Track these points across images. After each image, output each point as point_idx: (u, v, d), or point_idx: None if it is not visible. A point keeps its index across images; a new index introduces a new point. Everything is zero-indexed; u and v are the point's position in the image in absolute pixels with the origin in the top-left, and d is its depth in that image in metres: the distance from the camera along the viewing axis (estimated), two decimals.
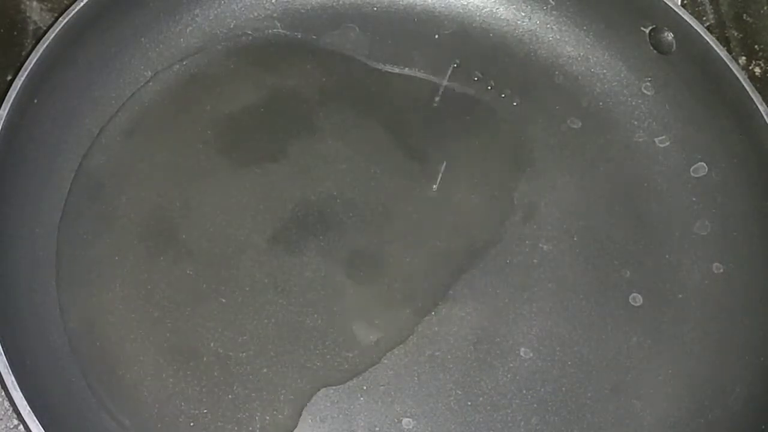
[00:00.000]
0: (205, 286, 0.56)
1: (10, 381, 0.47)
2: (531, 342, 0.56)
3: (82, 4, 0.56)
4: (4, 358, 0.47)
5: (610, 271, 0.59)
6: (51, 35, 0.55)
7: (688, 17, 0.61)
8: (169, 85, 0.61)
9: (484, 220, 0.60)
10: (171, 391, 0.53)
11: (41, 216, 0.55)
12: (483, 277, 0.58)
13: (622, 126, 0.64)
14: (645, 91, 0.64)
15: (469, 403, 0.55)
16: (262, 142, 0.61)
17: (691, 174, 0.62)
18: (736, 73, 0.59)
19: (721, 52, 0.60)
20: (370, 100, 0.63)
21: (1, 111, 0.52)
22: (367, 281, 0.57)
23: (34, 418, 0.46)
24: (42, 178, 0.56)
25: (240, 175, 0.59)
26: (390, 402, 0.54)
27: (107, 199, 0.57)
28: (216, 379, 0.53)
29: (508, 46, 0.65)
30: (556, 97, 0.64)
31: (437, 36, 0.65)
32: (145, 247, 0.56)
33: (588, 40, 0.65)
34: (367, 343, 0.55)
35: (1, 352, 0.47)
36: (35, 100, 0.55)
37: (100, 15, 0.58)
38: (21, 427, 0.52)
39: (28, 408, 0.46)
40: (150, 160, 0.59)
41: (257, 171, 0.60)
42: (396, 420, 0.54)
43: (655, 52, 0.63)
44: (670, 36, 0.62)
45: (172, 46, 0.62)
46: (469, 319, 0.57)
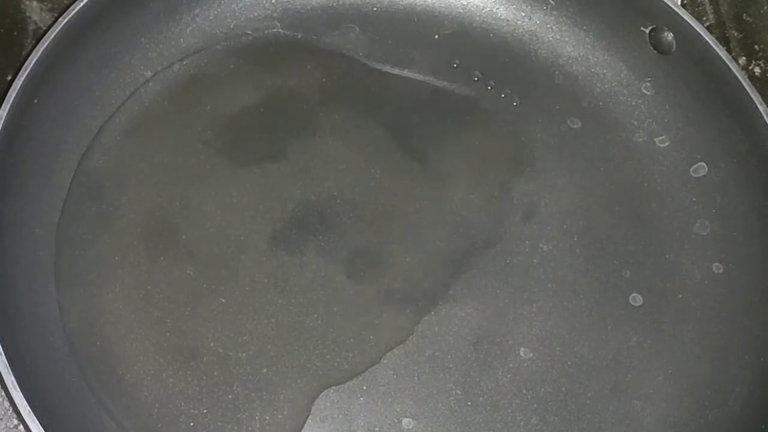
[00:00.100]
0: (205, 286, 0.56)
1: (10, 381, 0.47)
2: (531, 342, 0.56)
3: (82, 4, 0.56)
4: (4, 358, 0.47)
5: (610, 271, 0.59)
6: (51, 35, 0.55)
7: (688, 17, 0.61)
8: (169, 85, 0.61)
9: (484, 220, 0.60)
10: (171, 391, 0.53)
11: (41, 216, 0.55)
12: (483, 277, 0.58)
13: (622, 126, 0.64)
14: (645, 91, 0.64)
15: (469, 403, 0.55)
16: (262, 142, 0.61)
17: (691, 174, 0.62)
18: (736, 73, 0.59)
19: (721, 52, 0.60)
20: (370, 100, 0.63)
21: (1, 111, 0.52)
22: (367, 281, 0.57)
23: (34, 418, 0.46)
24: (42, 178, 0.56)
25: (240, 175, 0.59)
26: (390, 402, 0.54)
27: (107, 199, 0.57)
28: (216, 379, 0.53)
29: (508, 46, 0.65)
30: (556, 97, 0.64)
31: (437, 36, 0.65)
32: (145, 247, 0.56)
33: (588, 40, 0.65)
34: (367, 343, 0.55)
35: (1, 352, 0.47)
36: (35, 100, 0.55)
37: (100, 15, 0.58)
38: (21, 427, 0.52)
39: (28, 408, 0.46)
40: (150, 160, 0.59)
41: (257, 171, 0.60)
42: (396, 420, 0.54)
43: (655, 52, 0.63)
44: (670, 36, 0.62)
45: (172, 46, 0.62)
46: (469, 319, 0.57)
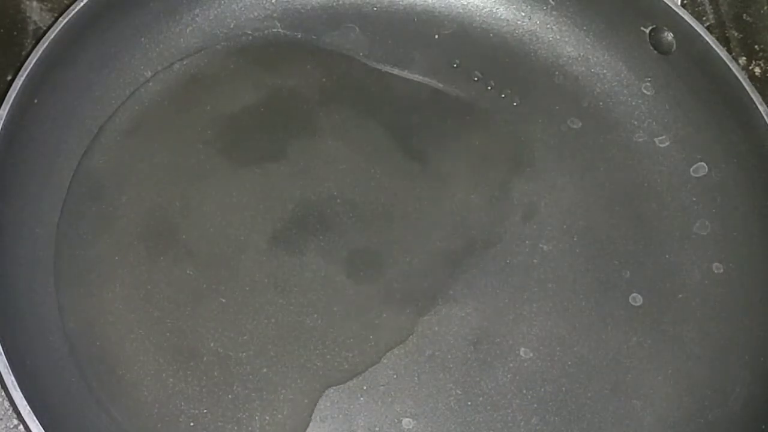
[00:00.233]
0: (205, 286, 0.56)
1: (10, 381, 0.47)
2: (531, 342, 0.56)
3: (82, 4, 0.56)
4: (4, 358, 0.47)
5: (610, 271, 0.59)
6: (51, 35, 0.55)
7: (688, 17, 0.61)
8: (169, 85, 0.61)
9: (484, 220, 0.60)
10: (171, 391, 0.53)
11: (41, 216, 0.55)
12: (483, 277, 0.58)
13: (622, 126, 0.64)
14: (645, 91, 0.64)
15: (469, 403, 0.55)
16: (262, 142, 0.61)
17: (691, 174, 0.62)
18: (736, 73, 0.59)
19: (721, 52, 0.60)
20: (370, 100, 0.63)
21: (1, 111, 0.52)
22: (367, 281, 0.57)
23: (34, 418, 0.46)
24: (42, 178, 0.56)
25: (240, 175, 0.59)
26: (390, 402, 0.54)
27: (107, 199, 0.57)
28: (216, 379, 0.53)
29: (508, 46, 0.65)
30: (556, 97, 0.64)
31: (437, 36, 0.65)
32: (145, 247, 0.56)
33: (588, 40, 0.65)
34: (367, 343, 0.55)
35: (1, 352, 0.47)
36: (35, 100, 0.55)
37: (100, 15, 0.58)
38: (21, 427, 0.52)
39: (28, 408, 0.46)
40: (150, 160, 0.59)
41: (257, 171, 0.60)
42: (396, 420, 0.54)
43: (655, 52, 0.63)
44: (670, 36, 0.62)
45: (172, 46, 0.62)
46: (469, 319, 0.57)
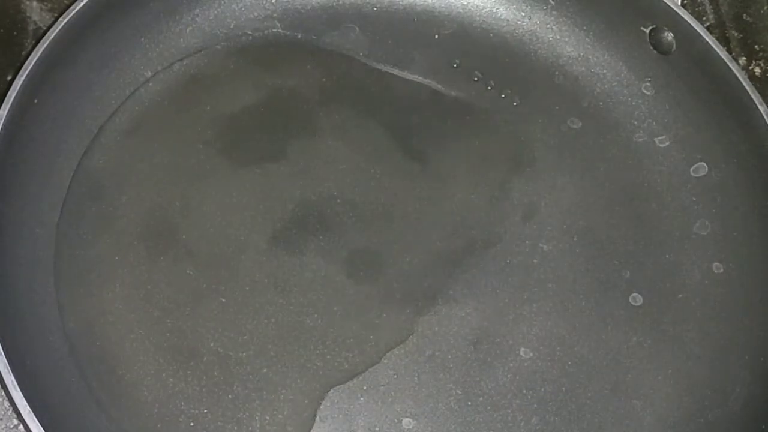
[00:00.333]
0: (205, 286, 0.56)
1: (10, 381, 0.47)
2: (531, 342, 0.56)
3: (82, 4, 0.56)
4: (4, 358, 0.47)
5: (610, 271, 0.59)
6: (51, 35, 0.55)
7: (688, 17, 0.61)
8: (169, 85, 0.61)
9: (483, 220, 0.60)
10: (171, 391, 0.53)
11: (41, 216, 0.55)
12: (483, 277, 0.58)
13: (622, 126, 0.64)
14: (645, 91, 0.64)
15: (469, 403, 0.55)
16: (262, 142, 0.61)
17: (691, 174, 0.62)
18: (736, 73, 0.59)
19: (721, 52, 0.60)
20: (370, 100, 0.63)
21: (1, 111, 0.52)
22: (367, 281, 0.57)
23: (34, 418, 0.46)
24: (42, 178, 0.56)
25: (240, 175, 0.59)
26: (390, 402, 0.54)
27: (107, 199, 0.57)
28: (216, 379, 0.53)
29: (508, 46, 0.65)
30: (556, 97, 0.64)
31: (437, 36, 0.65)
32: (145, 247, 0.56)
33: (588, 40, 0.65)
34: (367, 343, 0.55)
35: (1, 352, 0.47)
36: (35, 100, 0.55)
37: (100, 15, 0.58)
38: (21, 427, 0.52)
39: (28, 408, 0.46)
40: (150, 160, 0.59)
41: (257, 171, 0.60)
42: (396, 420, 0.54)
43: (655, 52, 0.63)
44: (670, 36, 0.62)
45: (172, 46, 0.62)
46: (469, 319, 0.57)
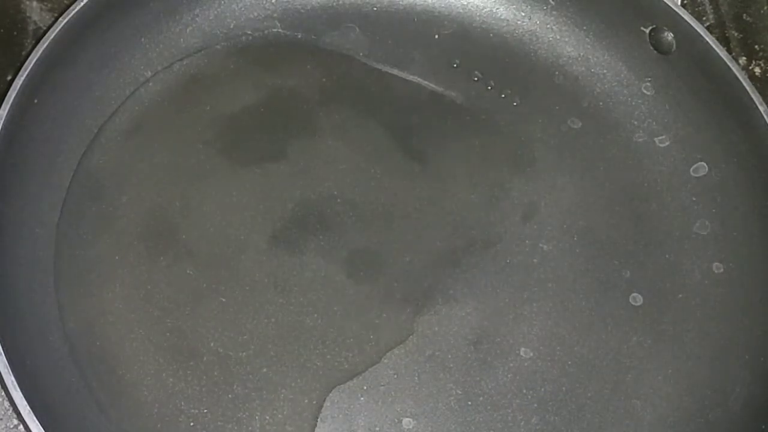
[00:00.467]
0: (205, 286, 0.56)
1: (10, 381, 0.47)
2: (531, 342, 0.56)
3: (82, 4, 0.56)
4: (4, 358, 0.47)
5: (610, 271, 0.59)
6: (51, 35, 0.55)
7: (688, 17, 0.61)
8: (169, 85, 0.61)
9: (483, 220, 0.60)
10: (171, 391, 0.53)
11: (41, 216, 0.55)
12: (483, 277, 0.58)
13: (622, 126, 0.64)
14: (645, 91, 0.64)
15: (469, 403, 0.55)
16: (262, 142, 0.61)
17: (691, 174, 0.62)
18: (736, 73, 0.59)
19: (721, 52, 0.60)
20: (370, 100, 0.63)
21: (1, 111, 0.52)
22: (367, 281, 0.57)
23: (34, 418, 0.46)
24: (42, 178, 0.56)
25: (240, 175, 0.59)
26: (390, 402, 0.54)
27: (107, 199, 0.57)
28: (216, 379, 0.53)
29: (508, 46, 0.65)
30: (556, 97, 0.64)
31: (437, 36, 0.65)
32: (145, 247, 0.56)
33: (588, 40, 0.65)
34: (367, 343, 0.55)
35: (1, 352, 0.47)
36: (35, 100, 0.55)
37: (100, 15, 0.58)
38: (21, 427, 0.52)
39: (28, 408, 0.46)
40: (150, 160, 0.59)
41: (257, 171, 0.60)
42: (396, 420, 0.54)
43: (655, 52, 0.63)
44: (670, 36, 0.62)
45: (172, 46, 0.62)
46: (469, 318, 0.57)
